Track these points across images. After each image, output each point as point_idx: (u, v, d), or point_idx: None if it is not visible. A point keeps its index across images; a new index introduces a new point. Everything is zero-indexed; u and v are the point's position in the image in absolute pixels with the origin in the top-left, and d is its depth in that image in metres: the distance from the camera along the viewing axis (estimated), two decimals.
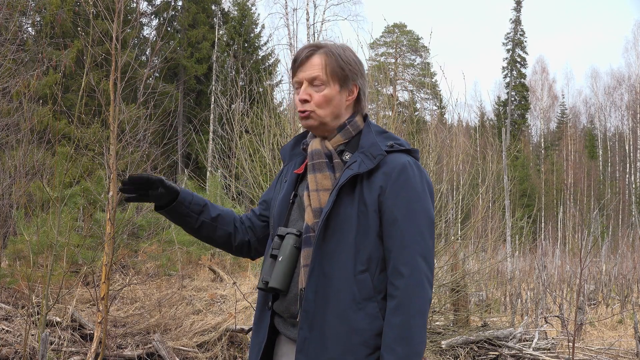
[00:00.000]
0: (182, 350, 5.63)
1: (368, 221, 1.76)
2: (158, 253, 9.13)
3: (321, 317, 1.75)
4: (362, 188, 1.78)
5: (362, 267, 1.75)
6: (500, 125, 35.73)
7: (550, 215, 38.14)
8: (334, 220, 1.77)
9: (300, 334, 1.76)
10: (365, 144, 1.83)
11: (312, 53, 1.86)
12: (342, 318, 1.74)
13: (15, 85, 7.78)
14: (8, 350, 5.15)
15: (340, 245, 1.76)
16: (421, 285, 1.72)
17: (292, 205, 1.92)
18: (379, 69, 11.52)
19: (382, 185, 1.76)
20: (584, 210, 35.24)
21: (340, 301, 1.74)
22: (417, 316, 1.70)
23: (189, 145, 23.22)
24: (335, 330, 1.74)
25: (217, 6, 26.95)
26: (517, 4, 45.17)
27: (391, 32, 43.73)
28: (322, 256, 1.77)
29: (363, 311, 1.74)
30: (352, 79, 1.87)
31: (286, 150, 2.05)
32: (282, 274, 1.81)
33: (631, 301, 11.63)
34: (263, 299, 1.93)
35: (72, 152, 5.14)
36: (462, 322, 7.20)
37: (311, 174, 1.85)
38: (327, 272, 1.76)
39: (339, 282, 1.75)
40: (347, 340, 1.73)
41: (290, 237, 1.83)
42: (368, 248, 1.76)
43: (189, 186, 12.75)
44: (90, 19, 4.93)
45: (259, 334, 1.90)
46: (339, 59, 1.85)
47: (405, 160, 1.80)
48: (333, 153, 1.86)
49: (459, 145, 8.23)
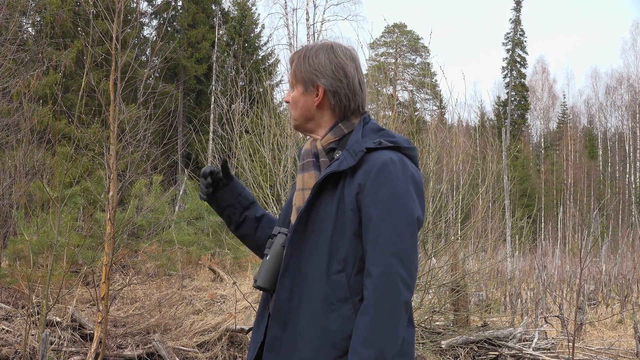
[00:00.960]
0: (182, 350, 5.63)
1: (345, 220, 1.72)
2: (158, 253, 9.13)
3: (294, 316, 1.73)
4: (344, 186, 1.74)
5: (338, 267, 1.71)
6: (500, 125, 35.73)
7: (550, 215, 38.14)
8: (313, 219, 1.76)
9: (270, 332, 1.75)
10: (351, 141, 1.80)
11: (294, 57, 1.91)
12: (314, 318, 1.70)
13: (15, 85, 7.78)
14: (8, 350, 5.16)
15: (319, 244, 1.74)
16: (392, 286, 1.63)
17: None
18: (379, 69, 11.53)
19: (360, 183, 1.71)
20: (584, 210, 35.25)
21: (313, 301, 1.71)
22: (385, 318, 1.62)
23: (189, 145, 23.22)
24: (306, 330, 1.71)
25: (217, 6, 26.94)
26: (517, 4, 45.17)
27: (391, 32, 43.75)
28: (300, 255, 1.76)
29: (337, 312, 1.69)
30: (312, 80, 1.85)
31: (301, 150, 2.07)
32: (268, 273, 1.80)
33: (631, 301, 11.63)
34: (264, 300, 1.92)
35: (72, 152, 5.14)
36: (462, 322, 7.20)
37: (300, 173, 1.87)
38: (303, 271, 1.74)
39: (313, 282, 1.72)
40: (318, 342, 1.69)
41: (280, 237, 1.83)
42: (345, 247, 1.71)
43: (189, 186, 12.76)
44: (90, 19, 4.93)
45: (257, 334, 1.89)
46: (305, 61, 1.85)
47: (387, 158, 1.73)
48: (320, 152, 1.85)
49: (459, 145, 8.24)
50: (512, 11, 45.43)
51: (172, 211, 12.01)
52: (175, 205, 13.45)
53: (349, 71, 1.85)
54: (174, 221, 10.69)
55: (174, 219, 10.78)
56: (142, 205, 8.65)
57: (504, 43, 45.45)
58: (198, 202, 11.27)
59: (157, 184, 10.37)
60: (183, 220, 11.23)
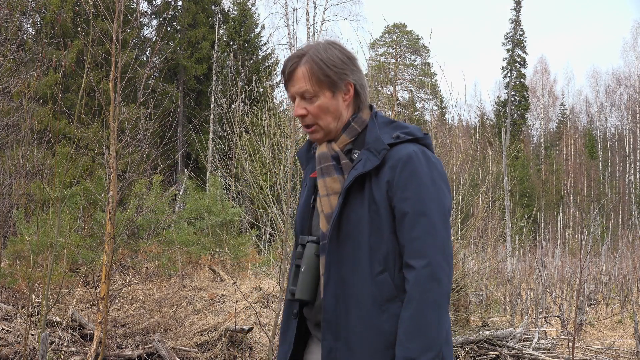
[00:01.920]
0: (182, 350, 5.63)
1: (380, 219, 1.71)
2: (158, 253, 9.12)
3: (344, 324, 1.71)
4: (371, 186, 1.72)
5: (380, 267, 1.70)
6: (500, 125, 35.72)
7: (550, 215, 38.14)
8: (346, 224, 1.73)
9: (324, 345, 1.73)
10: (370, 139, 1.77)
11: (295, 66, 1.79)
12: (366, 322, 1.69)
13: (15, 85, 7.79)
14: (8, 350, 5.16)
15: (356, 249, 1.72)
16: (433, 277, 1.64)
17: (313, 210, 1.88)
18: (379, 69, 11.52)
19: (388, 180, 1.70)
20: (584, 210, 35.23)
21: (362, 305, 1.70)
22: (429, 309, 1.62)
23: (189, 145, 23.22)
24: (360, 335, 1.69)
25: (217, 6, 26.93)
26: (517, 4, 45.15)
27: (391, 32, 43.73)
28: (339, 262, 1.73)
29: (387, 312, 1.68)
30: (343, 79, 1.80)
31: (302, 153, 1.99)
32: (306, 285, 1.78)
33: (631, 301, 11.63)
34: (288, 308, 1.89)
35: (72, 152, 5.14)
36: (462, 322, 7.21)
37: (320, 178, 1.80)
38: (345, 277, 1.72)
39: (359, 287, 1.70)
40: (373, 345, 1.68)
41: (311, 246, 1.80)
42: (383, 247, 1.70)
43: (189, 186, 12.76)
44: (90, 19, 4.93)
45: (284, 342, 1.87)
46: (322, 64, 1.77)
47: (410, 151, 1.72)
48: (340, 154, 1.80)
49: (459, 145, 8.23)
50: (512, 11, 45.45)
51: (172, 211, 12.00)
52: (175, 205, 13.44)
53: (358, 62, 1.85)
54: (174, 221, 10.69)
55: (174, 219, 10.77)
56: (142, 205, 8.64)
57: (504, 43, 45.46)
58: (198, 202, 11.27)
59: (157, 184, 10.36)
60: (183, 220, 11.22)
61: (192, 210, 11.47)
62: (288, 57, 1.85)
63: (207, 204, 11.08)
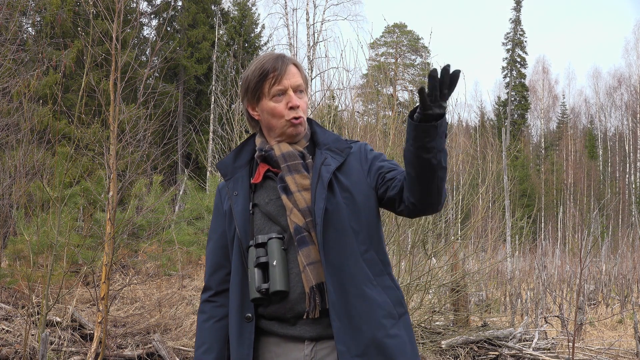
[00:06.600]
0: (182, 350, 5.63)
1: (355, 204, 1.88)
2: (158, 253, 9.13)
3: (344, 304, 1.82)
4: (338, 178, 1.89)
5: (364, 247, 1.87)
6: (500, 125, 35.74)
7: (550, 215, 38.14)
8: (325, 214, 1.85)
9: (334, 325, 1.81)
10: (328, 140, 1.97)
11: (288, 62, 1.94)
12: (364, 300, 1.82)
13: (15, 85, 7.79)
14: (8, 350, 5.16)
15: (340, 235, 1.84)
16: None
17: (252, 216, 1.93)
18: (379, 69, 11.52)
19: (360, 162, 1.93)
20: (584, 210, 35.25)
21: (358, 283, 1.83)
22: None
23: (189, 145, 23.23)
24: (360, 310, 1.82)
25: (217, 6, 26.95)
26: (517, 4, 45.16)
27: (391, 32, 43.73)
28: (330, 250, 1.84)
29: (379, 286, 1.86)
30: (307, 85, 2.02)
31: (227, 164, 2.02)
32: (282, 276, 1.84)
33: (631, 301, 11.63)
34: (238, 312, 1.91)
35: (72, 152, 5.14)
36: (462, 322, 7.21)
37: (289, 175, 1.90)
38: (335, 262, 1.83)
39: (352, 268, 1.84)
40: (374, 318, 1.82)
41: (274, 242, 1.86)
42: (364, 228, 1.88)
43: (189, 186, 12.76)
44: (90, 19, 4.93)
45: (242, 347, 1.89)
46: (301, 67, 1.98)
47: (361, 143, 2.01)
48: (305, 154, 1.95)
49: (459, 145, 8.24)
50: (512, 11, 45.48)
51: (172, 211, 12.01)
52: (175, 205, 13.45)
53: None
54: (174, 221, 10.69)
55: (174, 219, 10.77)
56: (142, 205, 8.64)
57: (504, 43, 45.49)
58: (198, 202, 11.26)
59: (157, 184, 10.36)
60: (183, 220, 11.23)
61: (192, 210, 11.47)
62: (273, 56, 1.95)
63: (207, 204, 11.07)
